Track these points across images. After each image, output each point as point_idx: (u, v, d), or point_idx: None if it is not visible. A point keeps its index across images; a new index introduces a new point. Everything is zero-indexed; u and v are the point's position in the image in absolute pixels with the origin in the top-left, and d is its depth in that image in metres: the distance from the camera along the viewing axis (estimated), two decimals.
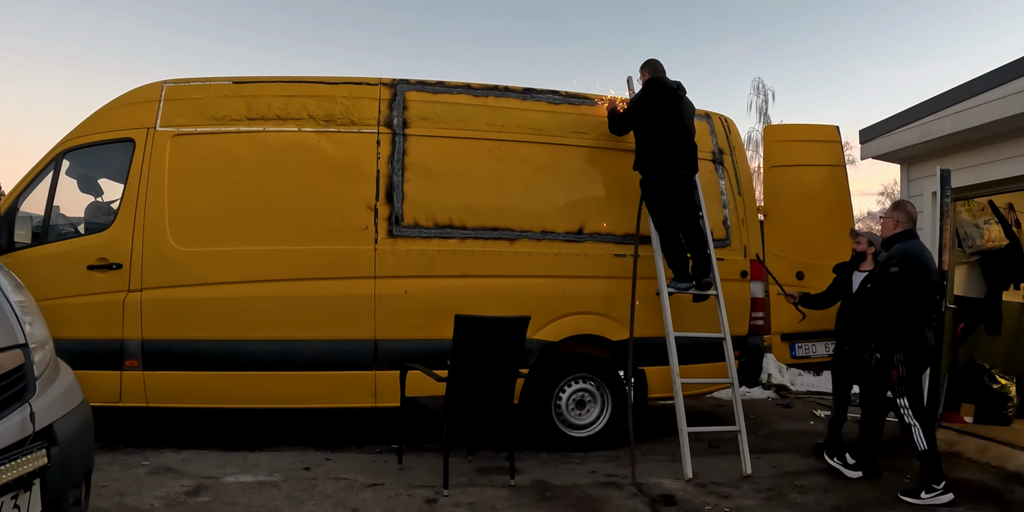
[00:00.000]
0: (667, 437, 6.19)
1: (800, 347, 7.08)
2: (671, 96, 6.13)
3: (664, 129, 6.07)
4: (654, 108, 6.10)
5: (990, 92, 6.58)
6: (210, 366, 5.68)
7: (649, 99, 6.14)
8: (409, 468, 5.42)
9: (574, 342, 6.23)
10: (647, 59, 6.37)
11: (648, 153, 6.13)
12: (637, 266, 6.22)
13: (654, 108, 6.10)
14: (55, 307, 5.21)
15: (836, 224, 7.22)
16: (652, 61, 6.34)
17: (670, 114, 6.09)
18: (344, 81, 6.24)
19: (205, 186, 5.90)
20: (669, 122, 6.08)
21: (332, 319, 5.81)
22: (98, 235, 5.82)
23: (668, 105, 6.10)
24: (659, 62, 6.33)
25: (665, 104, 6.10)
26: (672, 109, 6.11)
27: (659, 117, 6.09)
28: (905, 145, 7.51)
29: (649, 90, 6.17)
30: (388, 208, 5.99)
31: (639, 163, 6.19)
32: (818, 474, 5.58)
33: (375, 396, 5.86)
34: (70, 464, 2.63)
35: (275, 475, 5.09)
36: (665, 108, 6.09)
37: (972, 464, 5.97)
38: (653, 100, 6.12)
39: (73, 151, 5.98)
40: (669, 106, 6.10)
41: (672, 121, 6.09)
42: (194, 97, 6.06)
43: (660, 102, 6.10)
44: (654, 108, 6.10)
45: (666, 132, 6.07)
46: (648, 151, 6.13)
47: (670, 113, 6.09)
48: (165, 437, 6.06)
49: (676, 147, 6.08)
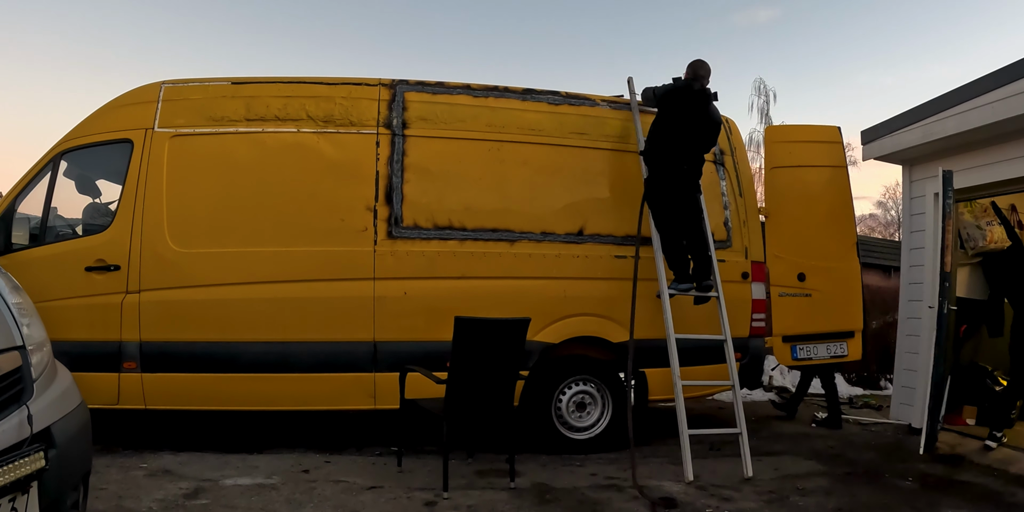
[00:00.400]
0: (668, 439, 6.19)
1: (802, 349, 7.09)
2: (699, 96, 6.13)
3: (680, 125, 6.09)
4: (679, 102, 6.11)
5: (993, 93, 6.58)
6: (208, 368, 5.68)
7: (679, 92, 6.14)
8: (408, 470, 5.42)
9: (574, 344, 6.24)
10: (694, 60, 6.26)
11: (657, 144, 6.16)
12: (638, 267, 6.22)
13: (679, 102, 6.11)
14: (53, 309, 5.22)
15: (837, 225, 7.23)
16: (696, 63, 6.20)
17: (691, 113, 6.10)
18: (343, 82, 6.24)
19: (203, 187, 5.90)
20: (687, 120, 6.10)
21: (331, 321, 5.81)
22: (96, 236, 5.82)
23: (693, 104, 6.11)
24: (703, 65, 6.19)
25: (690, 102, 6.10)
26: (695, 109, 6.11)
27: (679, 112, 6.10)
28: (907, 146, 7.51)
29: (683, 85, 6.16)
30: (387, 209, 5.99)
31: (646, 152, 6.24)
32: (820, 477, 5.57)
33: (374, 398, 5.86)
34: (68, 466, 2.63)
35: (274, 477, 5.08)
36: (688, 106, 6.10)
37: (975, 467, 5.96)
38: (682, 94, 6.13)
39: (71, 152, 5.98)
40: (693, 105, 6.11)
41: (690, 120, 6.10)
42: (192, 98, 6.07)
43: (687, 98, 6.11)
44: (679, 102, 6.11)
45: (681, 128, 6.09)
46: (658, 142, 6.15)
47: (691, 112, 6.10)
48: (163, 439, 6.05)
49: (685, 145, 6.09)
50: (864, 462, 6.07)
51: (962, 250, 7.70)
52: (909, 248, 8.00)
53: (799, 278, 7.05)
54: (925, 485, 5.36)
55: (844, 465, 5.96)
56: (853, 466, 5.93)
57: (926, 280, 7.46)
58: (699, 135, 6.16)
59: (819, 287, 6.95)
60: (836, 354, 7.19)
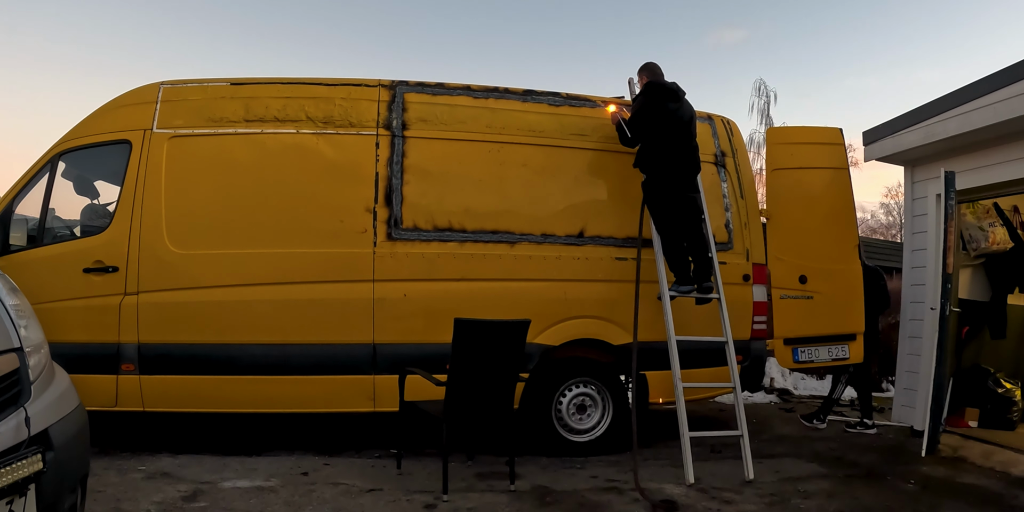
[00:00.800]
0: (669, 442, 6.20)
1: (803, 351, 7.07)
2: (670, 96, 6.19)
3: (664, 130, 6.13)
4: (654, 110, 6.15)
5: (995, 93, 6.57)
6: (207, 370, 5.68)
7: (649, 102, 6.18)
8: (408, 473, 5.42)
9: (575, 346, 6.24)
10: (644, 63, 6.41)
11: (648, 153, 6.18)
12: (640, 269, 6.22)
13: (654, 110, 6.15)
14: (51, 310, 5.24)
15: (839, 227, 7.22)
16: (649, 64, 6.40)
17: (669, 115, 6.15)
18: (343, 83, 6.25)
19: (202, 188, 5.91)
20: (669, 123, 6.14)
21: (330, 323, 5.81)
22: (94, 238, 5.82)
23: (667, 106, 6.15)
24: (656, 65, 6.39)
25: (664, 105, 6.15)
26: (671, 110, 6.16)
27: (659, 118, 6.14)
28: (909, 147, 7.51)
29: (648, 94, 6.22)
30: (387, 211, 5.99)
31: (639, 162, 6.24)
32: (821, 479, 5.58)
33: (374, 400, 5.86)
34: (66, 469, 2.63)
35: (273, 480, 5.08)
36: (664, 109, 6.15)
37: (977, 469, 5.96)
38: (653, 102, 6.17)
39: (69, 153, 5.99)
40: (668, 107, 6.15)
41: (671, 122, 6.14)
42: (191, 98, 6.07)
43: (660, 104, 6.15)
44: (654, 110, 6.15)
45: (666, 132, 6.13)
46: (649, 151, 6.18)
47: (669, 114, 6.15)
48: (162, 442, 6.05)
49: (675, 147, 6.12)
50: (866, 464, 6.07)
51: (964, 252, 7.71)
52: (911, 249, 8.00)
53: (801, 280, 7.03)
54: (927, 487, 5.36)
55: (846, 467, 5.96)
56: (855, 468, 5.93)
57: (928, 282, 7.46)
58: (684, 130, 6.19)
59: (821, 289, 6.94)
60: (838, 357, 7.18)
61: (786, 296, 6.95)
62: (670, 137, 6.13)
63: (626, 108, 6.60)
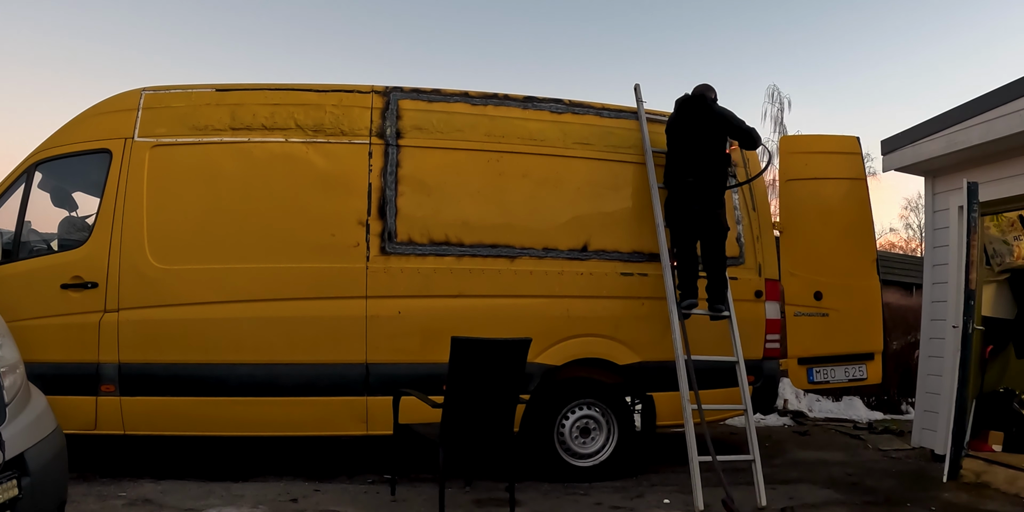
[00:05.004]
0: (677, 466, 6.19)
1: (818, 372, 7.08)
2: (684, 106, 6.39)
3: (678, 139, 6.33)
4: (669, 126, 6.46)
5: (1020, 100, 6.59)
6: (191, 391, 5.68)
7: (669, 119, 6.50)
8: (403, 500, 5.42)
9: (578, 366, 6.24)
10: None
11: (668, 163, 6.40)
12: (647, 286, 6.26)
13: (669, 126, 6.46)
14: (27, 328, 5.23)
15: (856, 241, 7.23)
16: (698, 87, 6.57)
17: (680, 130, 6.35)
18: (334, 89, 6.28)
19: (186, 200, 5.92)
20: (683, 132, 6.31)
21: (321, 341, 5.82)
22: (72, 252, 5.83)
23: (679, 121, 6.39)
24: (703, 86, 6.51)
25: (676, 121, 6.41)
26: (687, 119, 6.33)
27: (672, 134, 6.39)
28: (930, 156, 7.50)
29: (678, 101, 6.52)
30: (380, 224, 6.01)
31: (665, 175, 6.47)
32: (837, 506, 5.57)
33: (367, 423, 5.86)
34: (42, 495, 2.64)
35: (260, 507, 5.07)
36: (675, 125, 6.40)
37: (1001, 495, 5.94)
38: (670, 119, 6.49)
39: (46, 163, 6.00)
40: (680, 122, 6.38)
41: (686, 131, 6.30)
42: (174, 105, 6.09)
43: (673, 120, 6.45)
44: (669, 126, 6.46)
45: (680, 142, 6.32)
46: (668, 161, 6.41)
47: (680, 129, 6.35)
48: (143, 467, 6.05)
49: (687, 162, 6.20)
50: (884, 490, 6.06)
51: (988, 266, 7.71)
52: (932, 264, 8.00)
53: (815, 297, 7.04)
54: None
55: (863, 493, 5.95)
56: (873, 495, 5.92)
57: (950, 298, 7.44)
58: (700, 141, 6.27)
59: (837, 306, 6.95)
60: (855, 377, 7.19)
61: (800, 313, 6.97)
62: (681, 144, 6.29)
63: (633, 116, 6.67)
